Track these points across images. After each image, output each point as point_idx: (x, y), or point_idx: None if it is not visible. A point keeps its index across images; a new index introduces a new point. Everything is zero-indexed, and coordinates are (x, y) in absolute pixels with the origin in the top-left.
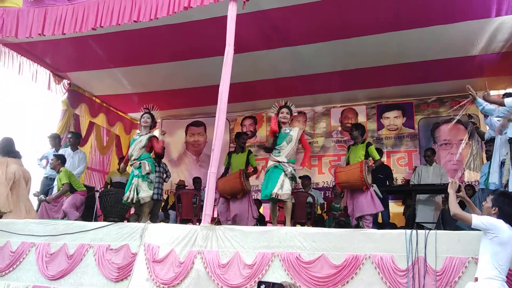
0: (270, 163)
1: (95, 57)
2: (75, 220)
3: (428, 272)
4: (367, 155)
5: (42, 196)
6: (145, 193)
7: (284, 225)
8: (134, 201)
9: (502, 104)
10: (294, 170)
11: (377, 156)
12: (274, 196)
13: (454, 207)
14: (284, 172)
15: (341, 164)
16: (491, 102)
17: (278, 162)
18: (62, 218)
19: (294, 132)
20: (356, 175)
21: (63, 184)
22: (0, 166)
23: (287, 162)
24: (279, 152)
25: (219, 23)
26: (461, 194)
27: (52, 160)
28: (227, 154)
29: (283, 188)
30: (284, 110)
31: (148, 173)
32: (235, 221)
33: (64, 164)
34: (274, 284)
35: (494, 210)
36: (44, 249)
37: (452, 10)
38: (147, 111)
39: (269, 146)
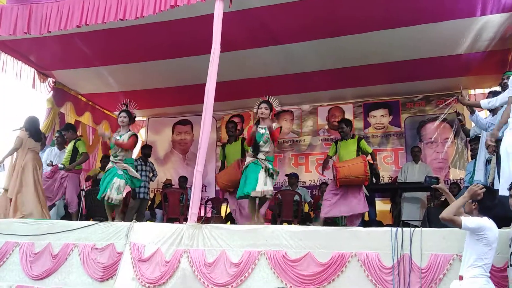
0: (248, 159)
1: (80, 55)
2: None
3: (413, 270)
4: (359, 149)
5: (60, 165)
6: (121, 196)
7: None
8: (112, 202)
9: (478, 106)
10: (271, 166)
11: (370, 150)
12: (259, 195)
13: (448, 211)
14: (263, 168)
15: (333, 159)
16: (467, 105)
17: (256, 158)
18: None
19: (269, 130)
20: (360, 170)
21: (81, 153)
22: (21, 153)
23: (264, 159)
24: (257, 150)
25: (206, 21)
26: (440, 186)
27: (64, 134)
28: (221, 147)
29: (267, 184)
30: (263, 105)
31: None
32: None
33: (75, 132)
34: None
35: (474, 205)
36: (28, 248)
37: (438, 9)
38: (124, 109)
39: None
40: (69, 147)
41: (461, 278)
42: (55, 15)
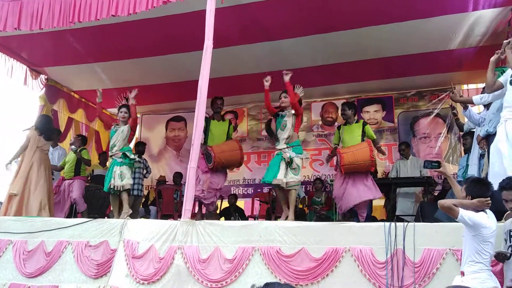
0: (276, 152)
1: (73, 52)
2: (83, 212)
3: (407, 264)
4: (363, 135)
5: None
6: (129, 180)
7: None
8: (119, 189)
9: (470, 102)
10: (297, 152)
11: (374, 136)
12: (280, 183)
13: (449, 200)
14: (283, 158)
15: (334, 145)
16: (459, 102)
17: (279, 150)
18: (72, 205)
19: (289, 117)
20: (365, 155)
21: (87, 160)
22: (28, 153)
23: (286, 148)
24: (278, 141)
25: (198, 17)
26: (442, 169)
27: (74, 137)
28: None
29: (287, 176)
30: (283, 94)
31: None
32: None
33: (85, 143)
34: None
35: (468, 198)
36: (21, 246)
37: (431, 4)
38: (124, 104)
39: (269, 131)
40: (71, 156)
41: (462, 273)
42: (47, 12)
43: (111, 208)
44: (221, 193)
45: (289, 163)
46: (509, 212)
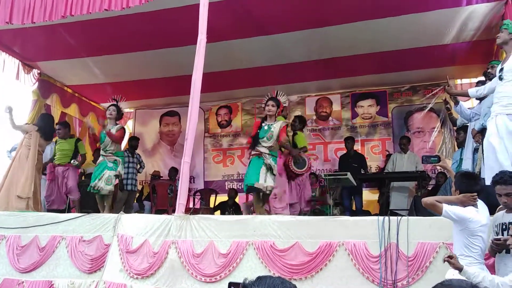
0: (253, 153)
1: (66, 46)
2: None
3: (400, 258)
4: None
5: (75, 161)
6: (112, 186)
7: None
8: (99, 190)
9: (466, 95)
10: (274, 162)
11: (301, 143)
12: (261, 187)
13: (432, 197)
14: (265, 163)
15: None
16: (454, 95)
17: (260, 152)
18: (66, 195)
19: (276, 128)
20: None
21: (81, 154)
22: (24, 150)
23: (268, 153)
24: (259, 144)
25: (192, 11)
26: (442, 163)
27: (59, 129)
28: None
29: (266, 181)
30: (270, 102)
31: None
32: None
33: (69, 130)
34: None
35: (457, 192)
36: (14, 241)
37: None
38: (113, 103)
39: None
40: (69, 145)
41: None
42: (39, 6)
43: (99, 207)
44: None
45: (271, 169)
46: (501, 206)
